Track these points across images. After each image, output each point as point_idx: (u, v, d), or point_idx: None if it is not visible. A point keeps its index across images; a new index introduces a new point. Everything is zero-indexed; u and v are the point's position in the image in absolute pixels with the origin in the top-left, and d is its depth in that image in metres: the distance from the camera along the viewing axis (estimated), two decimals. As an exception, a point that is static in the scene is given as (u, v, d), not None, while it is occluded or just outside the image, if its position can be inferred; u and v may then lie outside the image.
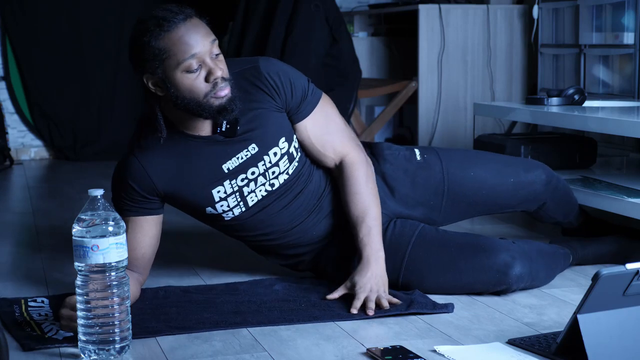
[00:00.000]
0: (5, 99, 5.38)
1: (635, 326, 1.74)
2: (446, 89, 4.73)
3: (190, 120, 2.14)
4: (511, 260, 2.22)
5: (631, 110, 3.12)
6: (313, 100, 2.26)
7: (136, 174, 2.16)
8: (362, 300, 2.12)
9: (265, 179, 2.22)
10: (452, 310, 2.13)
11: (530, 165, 2.52)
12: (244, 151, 2.19)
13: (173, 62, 2.02)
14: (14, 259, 2.91)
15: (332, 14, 4.19)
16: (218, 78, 2.05)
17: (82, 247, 1.81)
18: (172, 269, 2.61)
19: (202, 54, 2.03)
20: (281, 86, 2.20)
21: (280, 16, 4.14)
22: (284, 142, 2.23)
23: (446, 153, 2.48)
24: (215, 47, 2.06)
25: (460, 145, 4.68)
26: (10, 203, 4.05)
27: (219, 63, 2.06)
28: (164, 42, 2.02)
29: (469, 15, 4.75)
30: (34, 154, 5.46)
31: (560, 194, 2.57)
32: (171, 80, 2.04)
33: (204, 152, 2.17)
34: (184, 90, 2.05)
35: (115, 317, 1.82)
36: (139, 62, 2.06)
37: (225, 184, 2.20)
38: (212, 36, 2.06)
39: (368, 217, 2.23)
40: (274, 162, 2.22)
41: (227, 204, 2.22)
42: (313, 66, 4.11)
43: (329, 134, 2.28)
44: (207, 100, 2.06)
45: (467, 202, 2.45)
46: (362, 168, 2.28)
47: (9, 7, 5.27)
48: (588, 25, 3.97)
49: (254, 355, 1.86)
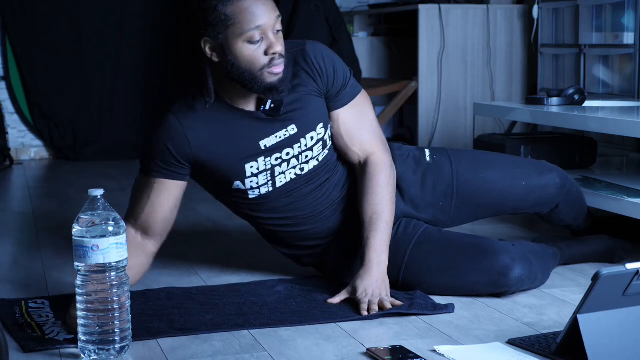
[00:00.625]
0: (5, 99, 5.38)
1: (635, 326, 1.74)
2: (446, 89, 4.73)
3: (237, 92, 2.15)
4: (511, 262, 2.21)
5: (631, 110, 3.12)
6: (352, 92, 2.28)
7: (174, 136, 2.15)
8: (366, 304, 2.11)
9: (298, 162, 2.23)
10: (452, 311, 2.13)
11: (543, 168, 2.50)
12: (283, 131, 2.20)
13: (237, 30, 2.04)
14: (14, 259, 2.91)
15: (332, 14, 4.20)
16: (277, 53, 2.07)
17: (82, 247, 1.81)
18: (172, 269, 2.61)
19: (266, 27, 2.05)
20: (325, 70, 2.22)
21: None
22: (322, 128, 2.24)
23: (457, 154, 2.47)
24: (279, 23, 2.09)
25: (460, 146, 4.68)
26: (10, 203, 4.06)
27: (279, 39, 2.09)
28: (231, 9, 2.03)
29: (469, 15, 4.75)
30: (34, 154, 5.46)
31: (573, 197, 2.56)
32: (231, 47, 2.06)
33: (244, 125, 2.18)
34: (242, 60, 2.07)
35: (115, 318, 1.82)
36: (200, 24, 2.07)
37: (259, 160, 2.20)
38: (277, 11, 2.08)
39: (380, 219, 2.23)
40: (309, 146, 2.23)
41: (257, 180, 2.22)
42: (313, 66, 4.11)
43: (359, 129, 2.29)
44: (262, 73, 2.08)
45: (477, 204, 2.43)
46: (385, 170, 2.28)
47: (9, 7, 5.27)
48: (588, 25, 3.97)
49: (254, 355, 1.86)
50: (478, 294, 2.26)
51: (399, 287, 2.28)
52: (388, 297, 2.15)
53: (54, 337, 1.97)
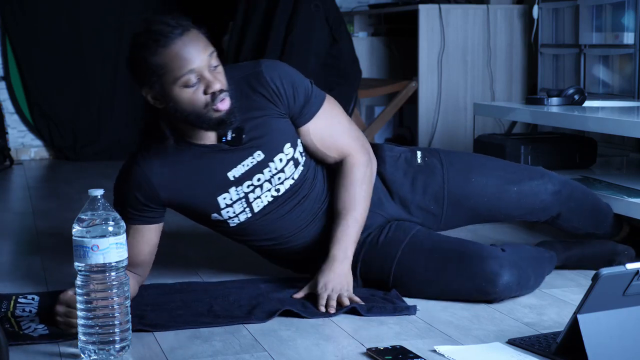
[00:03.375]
0: (5, 99, 5.38)
1: (635, 326, 1.74)
2: (446, 89, 4.72)
3: (194, 130, 2.13)
4: (499, 268, 2.18)
5: (631, 110, 3.12)
6: (316, 103, 2.25)
7: (141, 185, 2.15)
8: (325, 299, 2.13)
9: (271, 185, 2.22)
10: (414, 313, 2.12)
11: (535, 173, 2.46)
12: (250, 158, 2.19)
13: (170, 77, 2.01)
14: (13, 259, 2.91)
15: (332, 14, 4.19)
16: (217, 91, 2.04)
17: (82, 247, 1.81)
18: (172, 269, 2.61)
19: (200, 68, 2.01)
20: (283, 92, 2.19)
21: (280, 16, 4.14)
22: (289, 148, 2.22)
23: (449, 156, 2.45)
24: (214, 59, 2.05)
25: (460, 146, 4.68)
26: (10, 203, 4.06)
27: (217, 75, 2.05)
28: (161, 58, 2.00)
29: (469, 15, 4.75)
30: (34, 154, 5.46)
31: (577, 203, 2.49)
32: (170, 95, 2.03)
33: (209, 160, 2.17)
34: (183, 104, 2.04)
35: (115, 317, 1.82)
36: (137, 76, 2.05)
37: (231, 191, 2.20)
38: (210, 49, 2.04)
39: (349, 216, 2.23)
40: (279, 168, 2.21)
41: (233, 210, 2.22)
42: (313, 66, 4.11)
43: (332, 137, 2.28)
44: (207, 111, 2.05)
45: (468, 207, 2.41)
46: (360, 168, 2.27)
47: (9, 7, 5.27)
48: (588, 25, 3.97)
49: (254, 355, 1.86)
50: (467, 300, 2.22)
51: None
52: (348, 292, 2.16)
53: (29, 333, 1.98)
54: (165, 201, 2.18)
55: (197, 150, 2.17)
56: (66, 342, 1.94)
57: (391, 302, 2.16)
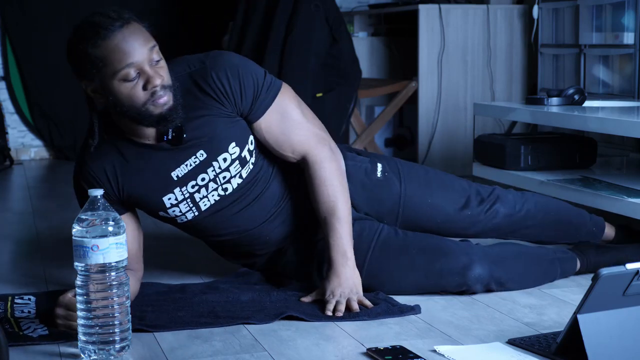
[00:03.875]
0: (5, 99, 5.38)
1: (635, 326, 1.74)
2: (446, 89, 4.72)
3: (135, 127, 2.10)
4: (469, 262, 2.22)
5: (631, 110, 3.12)
6: (268, 98, 2.18)
7: (88, 180, 2.15)
8: (333, 304, 2.12)
9: (217, 184, 2.19)
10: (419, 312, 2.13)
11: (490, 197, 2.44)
12: (192, 158, 2.16)
13: (110, 70, 1.98)
14: (13, 259, 2.91)
15: (332, 14, 4.19)
16: (157, 86, 2.00)
17: (82, 247, 1.81)
18: (172, 269, 2.61)
19: (140, 62, 1.98)
20: (230, 90, 2.13)
21: (280, 16, 4.14)
22: (235, 147, 2.18)
23: (409, 174, 2.42)
24: (155, 53, 2.01)
25: (460, 146, 4.68)
26: (10, 203, 4.06)
27: (159, 70, 2.01)
28: (100, 51, 1.97)
29: (469, 15, 4.75)
30: (34, 154, 5.46)
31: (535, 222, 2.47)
32: (109, 88, 2.00)
33: (152, 160, 2.15)
34: (123, 99, 2.01)
35: (115, 317, 1.82)
36: (77, 68, 2.02)
37: (175, 192, 2.18)
38: (151, 42, 2.01)
39: (333, 218, 2.20)
40: (224, 168, 2.18)
41: (179, 209, 2.20)
42: (313, 66, 4.11)
43: (284, 133, 2.21)
44: (146, 108, 2.02)
45: (421, 226, 2.41)
46: (324, 166, 2.22)
47: (9, 7, 5.27)
48: (588, 25, 3.97)
49: (254, 355, 1.86)
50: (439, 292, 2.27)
51: None
52: (357, 296, 2.15)
53: (29, 334, 1.97)
54: (117, 196, 2.17)
55: (141, 148, 2.14)
56: (66, 342, 1.94)
57: (393, 305, 2.16)
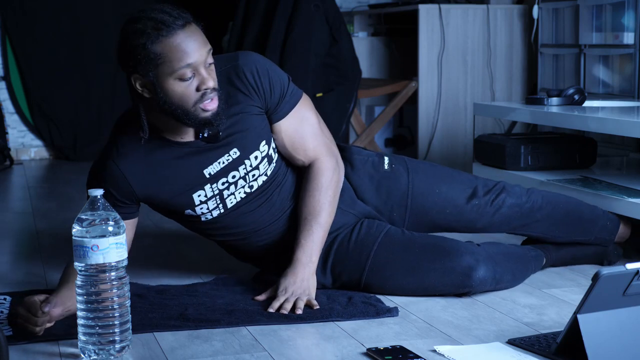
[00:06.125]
0: (5, 99, 5.38)
1: (635, 326, 1.74)
2: (446, 89, 4.73)
3: (173, 126, 2.11)
4: (475, 263, 2.23)
5: (631, 110, 3.12)
6: (291, 101, 2.24)
7: (115, 180, 2.14)
8: (281, 301, 2.13)
9: (245, 182, 2.21)
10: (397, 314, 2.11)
11: (495, 188, 2.45)
12: (226, 156, 2.18)
13: (168, 68, 1.99)
14: (14, 259, 2.91)
15: (332, 14, 4.19)
16: (209, 88, 2.02)
17: (82, 247, 1.81)
18: (172, 269, 2.61)
19: (197, 63, 2.00)
20: (260, 85, 2.17)
21: (280, 16, 4.14)
22: (265, 145, 2.21)
23: (415, 166, 2.45)
24: (210, 57, 2.04)
25: (460, 146, 4.68)
26: (10, 203, 4.06)
27: (211, 73, 2.04)
28: (161, 47, 1.97)
29: (469, 15, 4.75)
30: (34, 154, 5.46)
31: (544, 214, 2.48)
32: (162, 85, 2.01)
33: (185, 158, 2.15)
34: (174, 97, 2.02)
35: (115, 317, 1.82)
36: (130, 61, 2.01)
37: (206, 188, 2.19)
38: (208, 45, 2.03)
39: (314, 221, 2.23)
40: (254, 166, 2.21)
41: (206, 206, 2.21)
42: (313, 66, 4.11)
43: (302, 137, 2.26)
44: (195, 109, 2.03)
45: (430, 218, 2.42)
46: (327, 174, 2.26)
47: (10, 7, 5.27)
48: (588, 25, 3.97)
49: (254, 355, 1.86)
50: (441, 294, 2.26)
51: (362, 289, 2.29)
52: (307, 297, 2.15)
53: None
54: (140, 198, 2.17)
55: (174, 147, 2.15)
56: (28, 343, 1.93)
57: (372, 306, 2.16)
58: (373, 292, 2.28)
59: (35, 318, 1.93)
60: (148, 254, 2.79)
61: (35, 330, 1.94)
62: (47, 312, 1.94)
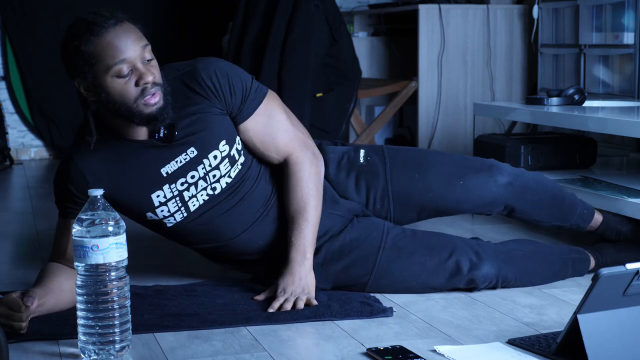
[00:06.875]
0: (5, 99, 5.38)
1: (635, 326, 1.74)
2: (446, 89, 4.73)
3: (126, 125, 2.11)
4: (478, 261, 2.27)
5: (631, 110, 3.12)
6: (256, 100, 2.22)
7: (75, 178, 2.14)
8: (281, 302, 2.14)
9: (206, 183, 2.19)
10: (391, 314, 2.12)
11: (483, 166, 2.40)
12: (183, 155, 2.16)
13: (102, 66, 2.00)
14: (13, 259, 2.91)
15: (332, 14, 4.19)
16: (149, 83, 2.02)
17: (82, 247, 1.81)
18: (171, 269, 2.61)
19: (132, 59, 2.01)
20: (219, 88, 2.17)
21: (280, 16, 4.14)
22: (225, 145, 2.19)
23: (393, 154, 2.41)
24: (148, 53, 2.04)
25: (460, 146, 4.68)
26: (10, 203, 4.06)
27: (150, 68, 2.04)
28: (93, 47, 2.00)
29: (469, 15, 4.75)
30: (34, 154, 5.46)
31: (533, 195, 2.43)
32: (102, 85, 2.02)
33: (142, 156, 2.15)
34: (115, 95, 2.03)
35: (115, 317, 1.82)
36: (70, 66, 2.05)
37: (164, 188, 2.17)
38: (143, 41, 2.04)
39: (301, 218, 2.22)
40: (214, 166, 2.19)
41: (167, 209, 2.19)
42: (313, 66, 4.11)
43: (271, 134, 2.25)
44: (137, 105, 2.03)
45: (415, 205, 2.39)
46: (305, 167, 2.25)
47: (10, 7, 5.27)
48: (588, 25, 3.97)
49: (254, 355, 1.86)
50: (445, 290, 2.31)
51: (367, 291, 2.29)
52: (307, 296, 2.16)
53: None
54: None
55: (131, 145, 2.15)
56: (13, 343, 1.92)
57: (369, 305, 2.15)
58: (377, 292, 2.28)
59: (19, 314, 1.93)
60: (148, 254, 2.79)
61: (22, 326, 1.94)
62: (29, 307, 1.95)
